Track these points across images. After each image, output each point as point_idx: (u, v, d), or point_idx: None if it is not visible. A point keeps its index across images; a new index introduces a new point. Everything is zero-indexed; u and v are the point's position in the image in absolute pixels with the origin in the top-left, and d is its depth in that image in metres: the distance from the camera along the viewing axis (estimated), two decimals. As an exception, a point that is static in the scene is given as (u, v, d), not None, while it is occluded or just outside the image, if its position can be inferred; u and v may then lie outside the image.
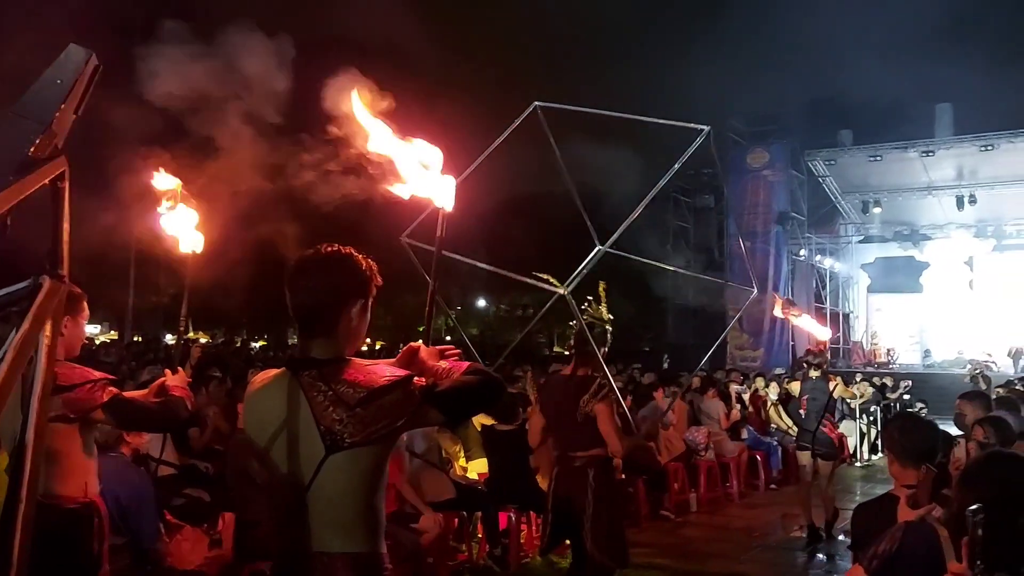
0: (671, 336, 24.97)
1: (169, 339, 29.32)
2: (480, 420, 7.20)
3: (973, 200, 20.45)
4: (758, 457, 10.30)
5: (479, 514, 6.53)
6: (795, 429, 10.35)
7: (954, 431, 5.81)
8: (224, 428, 6.99)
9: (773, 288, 20.18)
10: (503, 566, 6.28)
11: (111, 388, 2.89)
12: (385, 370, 2.03)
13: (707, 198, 24.55)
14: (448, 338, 38.81)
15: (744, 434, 10.37)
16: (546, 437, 4.65)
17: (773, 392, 11.26)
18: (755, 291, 6.05)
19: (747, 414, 10.87)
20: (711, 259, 23.95)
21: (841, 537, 7.04)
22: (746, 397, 11.16)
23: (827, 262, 23.43)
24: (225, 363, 12.95)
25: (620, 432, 4.30)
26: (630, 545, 4.75)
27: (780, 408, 10.94)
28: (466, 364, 2.14)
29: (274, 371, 2.13)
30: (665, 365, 20.37)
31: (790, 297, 21.04)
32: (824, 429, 7.51)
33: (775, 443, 10.69)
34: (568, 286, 4.14)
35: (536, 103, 4.27)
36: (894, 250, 23.26)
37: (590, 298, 4.58)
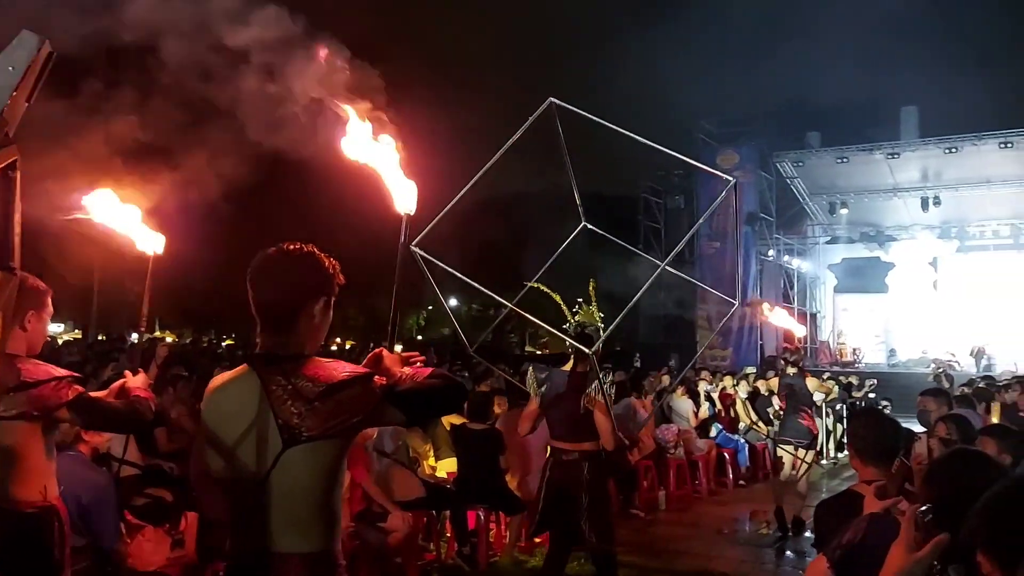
0: (642, 336, 25.09)
1: (135, 338, 28.94)
2: (451, 419, 7.18)
3: (937, 202, 20.78)
4: (726, 455, 10.39)
5: (447, 513, 6.52)
6: (761, 425, 10.60)
7: (918, 428, 5.90)
8: (190, 428, 6.90)
9: (742, 289, 20.36)
10: (472, 565, 6.27)
11: (76, 387, 2.79)
12: (345, 367, 2.04)
13: (678, 199, 24.70)
14: (420, 337, 38.76)
15: (713, 432, 10.46)
16: (534, 426, 4.88)
17: (743, 390, 11.37)
18: (737, 304, 6.21)
19: (716, 412, 10.96)
20: (682, 259, 24.11)
21: (808, 533, 7.12)
22: (715, 396, 11.26)
23: (795, 262, 23.69)
24: (192, 362, 12.79)
25: (615, 427, 4.55)
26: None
27: (748, 405, 11.06)
28: (429, 370, 2.16)
29: (236, 369, 2.14)
30: (637, 364, 20.48)
31: (758, 297, 21.30)
32: (802, 421, 7.88)
33: (743, 441, 10.79)
34: (594, 348, 4.28)
35: (551, 99, 4.34)
36: (860, 251, 23.58)
37: (580, 300, 4.88)
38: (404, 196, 2.40)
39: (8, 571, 2.68)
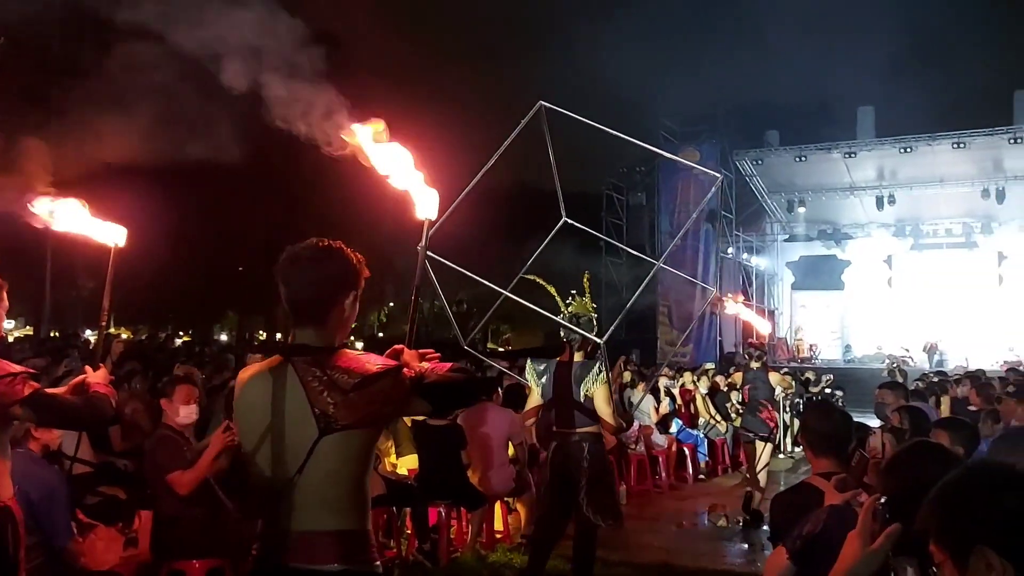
0: (604, 329, 25.22)
1: (89, 334, 28.33)
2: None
3: (892, 200, 21.18)
4: (686, 450, 10.49)
5: (408, 510, 6.49)
6: (719, 419, 10.81)
7: (873, 422, 6.01)
8: (145, 426, 6.77)
9: (702, 284, 20.57)
10: (433, 561, 6.25)
11: (32, 383, 2.69)
12: (376, 359, 2.16)
13: (640, 196, 24.85)
14: (381, 334, 38.51)
15: (673, 428, 10.55)
16: (538, 414, 5.38)
17: (703, 385, 11.49)
18: (715, 291, 6.54)
19: (676, 407, 11.06)
20: (643, 255, 24.27)
21: (767, 526, 7.22)
22: (675, 391, 11.35)
23: (753, 260, 23.99)
24: (148, 358, 12.56)
25: (615, 412, 5.06)
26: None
27: (708, 401, 11.18)
28: (448, 364, 2.29)
29: (265, 361, 2.23)
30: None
31: (717, 294, 21.54)
32: (761, 415, 8.20)
33: (702, 436, 10.91)
34: (604, 337, 4.65)
35: (541, 103, 4.47)
36: (817, 248, 23.96)
37: (574, 292, 5.39)
38: (426, 202, 2.51)
39: None
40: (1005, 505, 1.42)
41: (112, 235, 3.11)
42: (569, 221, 5.42)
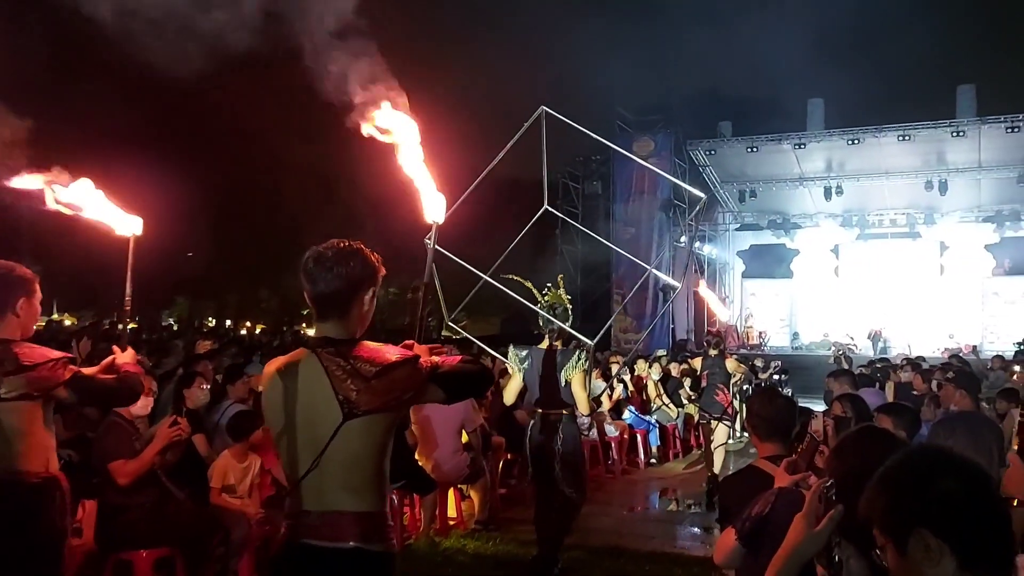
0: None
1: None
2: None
3: (840, 191, 21.62)
4: (638, 435, 10.61)
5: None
6: (671, 405, 11.03)
7: (820, 407, 6.15)
8: (92, 414, 6.62)
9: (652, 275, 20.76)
10: (386, 548, 6.23)
11: (71, 366, 3.01)
12: (394, 350, 2.32)
13: (595, 184, 24.97)
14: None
15: (626, 414, 10.66)
16: (520, 398, 5.93)
17: (656, 372, 11.62)
18: (679, 286, 6.73)
19: (629, 394, 11.17)
20: (598, 244, 24.43)
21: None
22: (627, 378, 11.46)
23: (706, 248, 24.29)
24: (93, 345, 12.26)
25: (589, 396, 5.64)
26: (515, 522, 5.81)
27: (660, 386, 11.32)
28: (459, 357, 2.48)
29: (293, 352, 2.39)
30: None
31: (669, 284, 21.80)
32: (717, 397, 8.77)
33: (654, 422, 11.04)
34: (595, 339, 5.41)
35: (543, 107, 4.62)
36: (767, 238, 24.36)
37: (549, 284, 5.86)
38: (434, 205, 2.72)
39: (17, 538, 2.91)
40: (941, 487, 1.47)
41: (129, 225, 3.33)
42: (550, 209, 5.86)
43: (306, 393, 2.26)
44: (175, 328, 29.32)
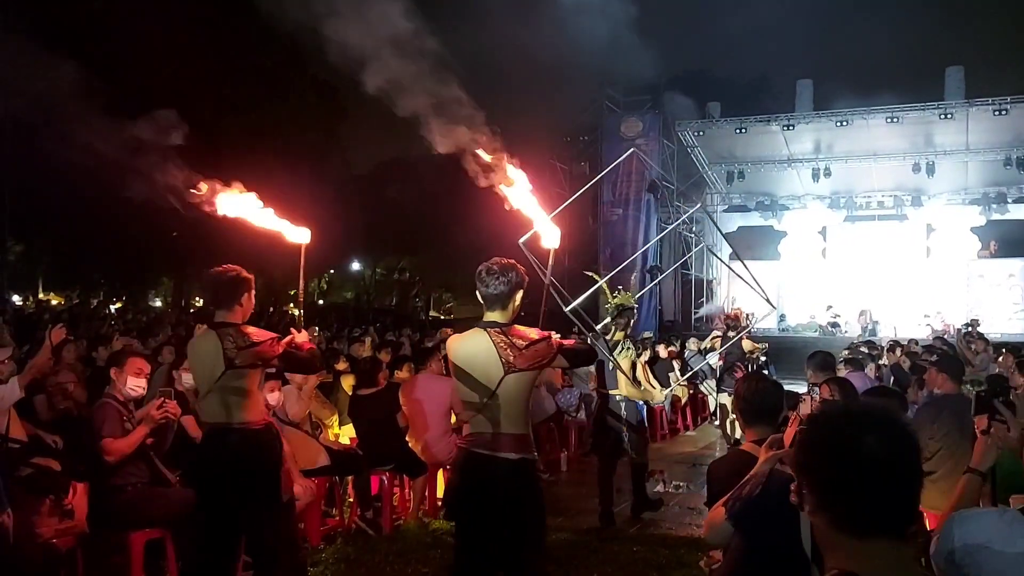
0: (550, 303, 25.37)
1: (17, 300, 27.31)
2: (349, 384, 7.13)
3: (828, 173, 21.64)
4: (626, 417, 10.65)
5: (351, 478, 6.48)
6: (658, 387, 11.16)
7: (805, 390, 6.18)
8: (78, 395, 6.58)
9: (643, 255, 20.81)
10: (376, 529, 6.27)
11: (281, 343, 3.87)
12: (535, 331, 3.43)
13: (583, 165, 24.94)
14: (321, 302, 38.05)
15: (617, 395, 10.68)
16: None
17: (645, 355, 11.66)
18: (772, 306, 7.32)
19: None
20: (586, 225, 24.44)
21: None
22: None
23: (693, 230, 24.28)
24: (77, 324, 12.20)
25: (629, 378, 6.84)
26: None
27: (648, 369, 11.35)
28: (574, 339, 3.73)
29: (468, 331, 3.48)
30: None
31: (657, 264, 21.84)
32: (736, 375, 9.45)
33: (641, 404, 11.08)
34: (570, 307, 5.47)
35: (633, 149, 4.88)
36: (755, 219, 24.36)
37: (620, 287, 7.38)
38: (550, 234, 3.83)
39: (250, 468, 3.77)
40: (811, 439, 1.50)
41: (300, 236, 4.28)
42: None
43: (481, 356, 3.35)
44: (161, 308, 29.19)
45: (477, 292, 3.45)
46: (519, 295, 3.45)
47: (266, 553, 3.88)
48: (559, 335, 3.46)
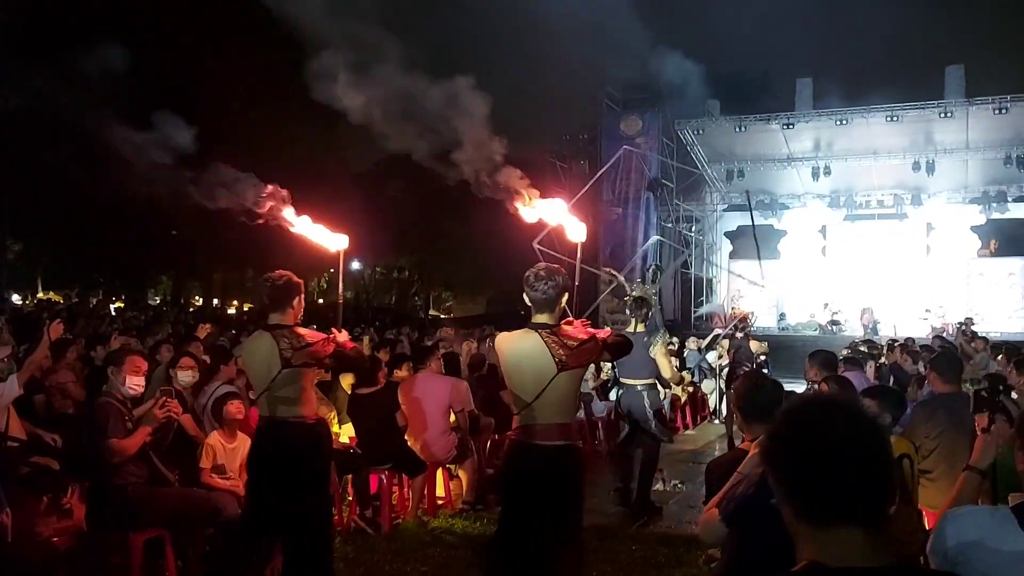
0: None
1: (16, 299, 27.31)
2: (348, 382, 7.13)
3: (828, 171, 21.62)
4: (625, 415, 10.65)
5: (349, 477, 6.48)
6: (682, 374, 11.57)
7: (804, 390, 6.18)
8: (78, 395, 6.59)
9: (643, 255, 20.81)
10: (375, 528, 6.27)
11: (332, 343, 4.06)
12: (583, 331, 3.63)
13: (582, 164, 24.93)
14: (320, 301, 38.05)
15: (613, 395, 10.68)
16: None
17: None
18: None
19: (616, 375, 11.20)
20: (585, 224, 24.42)
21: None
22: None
23: (693, 228, 24.28)
24: (75, 322, 12.18)
25: (672, 367, 7.45)
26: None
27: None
28: (610, 331, 3.82)
29: (518, 331, 3.67)
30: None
31: (658, 263, 21.83)
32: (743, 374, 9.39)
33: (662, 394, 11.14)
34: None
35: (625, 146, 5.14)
36: (755, 218, 24.30)
37: (639, 280, 7.70)
38: (576, 229, 4.28)
39: (305, 461, 4.02)
40: (780, 430, 1.48)
41: (337, 242, 4.55)
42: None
43: (533, 355, 3.54)
44: (161, 306, 29.17)
45: (524, 296, 3.67)
46: (565, 297, 3.69)
47: (307, 542, 4.04)
48: (602, 332, 3.71)
